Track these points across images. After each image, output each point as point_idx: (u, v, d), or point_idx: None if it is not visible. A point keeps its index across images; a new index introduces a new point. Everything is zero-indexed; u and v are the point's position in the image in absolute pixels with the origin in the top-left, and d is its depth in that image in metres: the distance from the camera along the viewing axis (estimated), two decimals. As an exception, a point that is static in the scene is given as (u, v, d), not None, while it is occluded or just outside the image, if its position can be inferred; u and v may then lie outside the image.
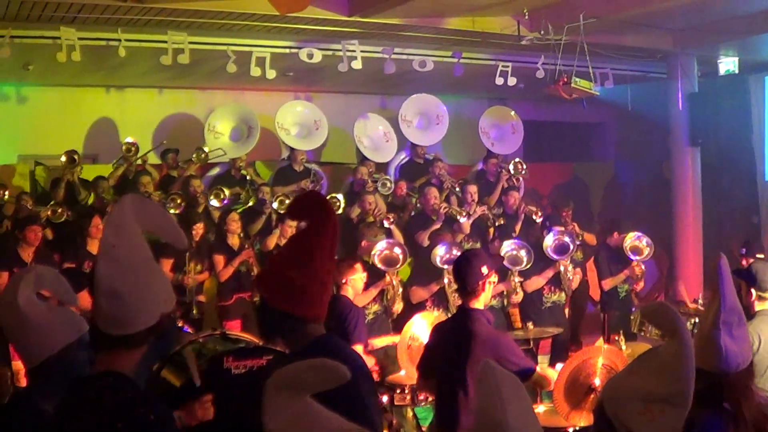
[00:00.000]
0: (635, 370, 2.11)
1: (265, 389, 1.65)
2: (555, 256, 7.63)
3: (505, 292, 7.57)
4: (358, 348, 4.86)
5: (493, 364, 1.73)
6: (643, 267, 7.82)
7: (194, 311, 7.67)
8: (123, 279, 2.07)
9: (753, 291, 4.10)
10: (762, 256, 7.10)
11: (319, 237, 2.54)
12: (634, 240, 7.87)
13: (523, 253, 7.63)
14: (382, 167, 9.98)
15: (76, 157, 8.26)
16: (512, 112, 10.73)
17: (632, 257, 7.80)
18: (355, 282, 5.57)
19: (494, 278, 4.22)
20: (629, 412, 2.00)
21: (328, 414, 1.66)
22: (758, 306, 4.11)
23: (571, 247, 7.69)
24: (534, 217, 8.59)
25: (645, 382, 2.02)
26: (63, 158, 8.22)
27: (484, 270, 4.12)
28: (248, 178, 9.09)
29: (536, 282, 7.69)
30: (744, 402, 2.36)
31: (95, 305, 2.09)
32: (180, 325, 5.28)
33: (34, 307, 2.47)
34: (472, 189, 8.78)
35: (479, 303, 4.13)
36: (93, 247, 7.28)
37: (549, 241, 7.70)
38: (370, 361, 5.07)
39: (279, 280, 2.58)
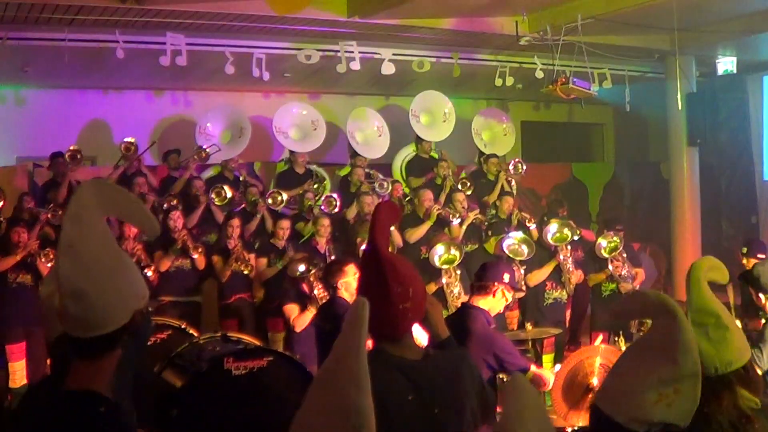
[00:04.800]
0: (633, 366, 2.08)
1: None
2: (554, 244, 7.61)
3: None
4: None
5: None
6: (626, 267, 7.70)
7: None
8: (87, 277, 1.89)
9: (762, 296, 4.07)
10: (763, 256, 7.06)
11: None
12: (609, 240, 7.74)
13: (524, 246, 7.62)
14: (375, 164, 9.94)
15: (79, 155, 8.28)
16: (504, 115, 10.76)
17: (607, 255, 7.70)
18: (348, 284, 5.54)
19: (509, 295, 4.24)
20: (644, 406, 1.99)
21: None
22: None
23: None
24: (527, 223, 8.42)
25: (650, 371, 2.01)
26: (67, 156, 8.22)
27: (506, 277, 4.15)
28: (241, 179, 9.09)
29: (537, 276, 7.65)
30: (714, 402, 2.34)
31: (61, 308, 1.91)
32: (182, 325, 5.25)
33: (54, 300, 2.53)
34: (460, 197, 8.66)
35: (485, 303, 4.15)
36: None
37: (552, 229, 7.66)
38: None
39: None
